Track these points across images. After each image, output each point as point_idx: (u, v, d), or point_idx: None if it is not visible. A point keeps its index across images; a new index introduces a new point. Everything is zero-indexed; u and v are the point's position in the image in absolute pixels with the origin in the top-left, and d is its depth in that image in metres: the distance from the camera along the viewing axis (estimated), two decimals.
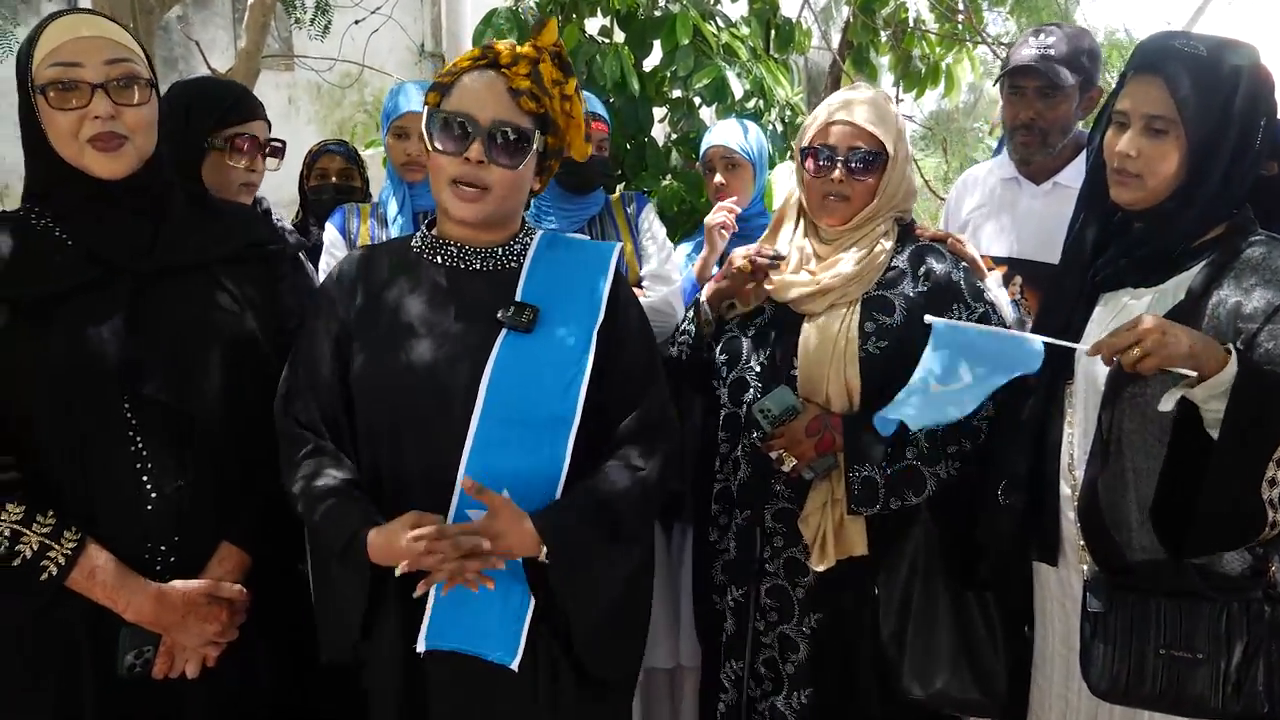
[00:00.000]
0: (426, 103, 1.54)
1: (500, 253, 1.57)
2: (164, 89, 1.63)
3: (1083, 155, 2.25)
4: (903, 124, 1.92)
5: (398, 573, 1.37)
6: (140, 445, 1.47)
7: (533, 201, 2.48)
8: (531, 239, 1.61)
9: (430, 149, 1.51)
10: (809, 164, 1.87)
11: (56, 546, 1.41)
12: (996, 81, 2.38)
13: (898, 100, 4.65)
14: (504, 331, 1.49)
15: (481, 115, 1.46)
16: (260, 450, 1.56)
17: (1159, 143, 1.51)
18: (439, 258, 1.56)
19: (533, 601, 1.45)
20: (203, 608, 1.49)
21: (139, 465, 1.47)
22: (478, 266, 1.56)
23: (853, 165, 1.84)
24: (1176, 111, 1.48)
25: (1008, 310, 1.94)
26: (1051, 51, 2.20)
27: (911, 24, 4.07)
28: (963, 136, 9.87)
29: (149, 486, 1.47)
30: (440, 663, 1.48)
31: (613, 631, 1.53)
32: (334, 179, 2.84)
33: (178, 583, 1.49)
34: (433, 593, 1.42)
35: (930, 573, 1.80)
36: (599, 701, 1.56)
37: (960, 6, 4.19)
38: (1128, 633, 1.49)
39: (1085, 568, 1.57)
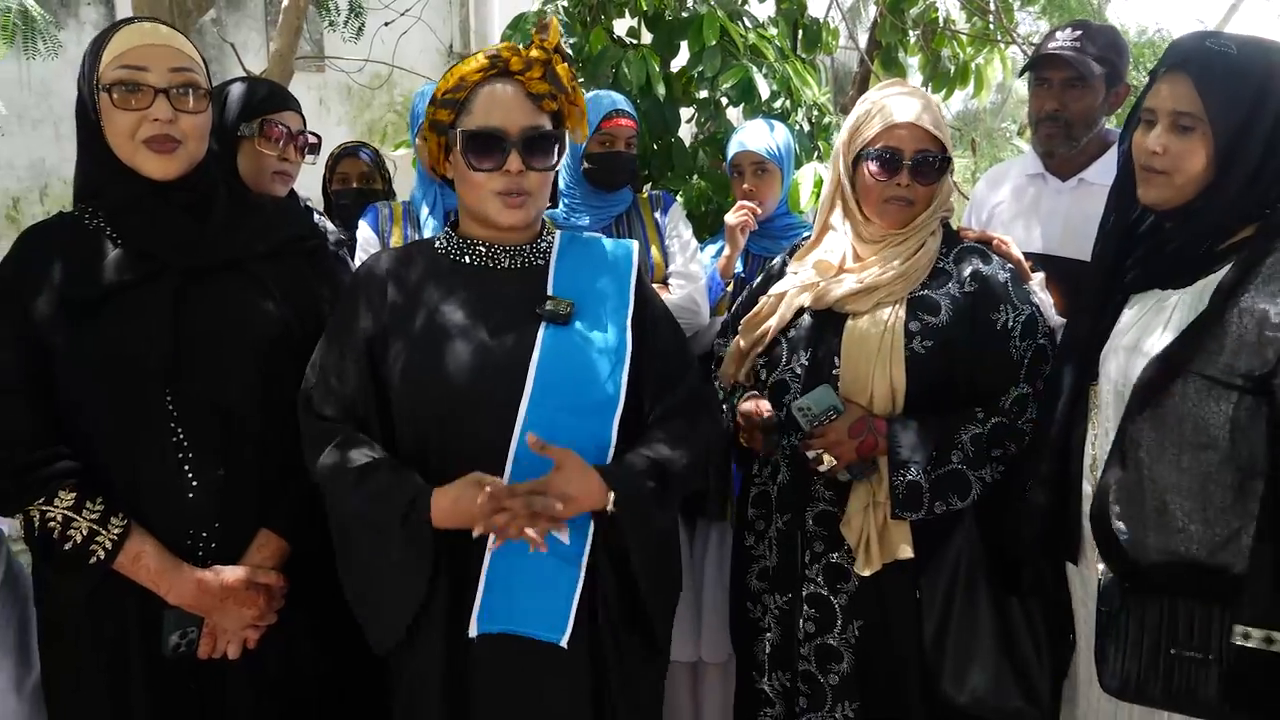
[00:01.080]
0: (439, 119, 1.54)
1: (527, 250, 1.59)
2: None
3: (1110, 153, 2.28)
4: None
5: (475, 534, 1.39)
6: (181, 436, 1.51)
7: (563, 199, 2.50)
8: (553, 237, 1.64)
9: (464, 166, 1.51)
10: (872, 167, 1.80)
11: (104, 532, 1.46)
12: (1023, 73, 2.35)
13: None
14: (543, 325, 1.51)
15: (511, 127, 1.49)
16: (298, 440, 1.57)
17: (1186, 140, 1.48)
18: (467, 258, 1.58)
19: (581, 580, 1.46)
20: (241, 593, 1.53)
21: (180, 455, 1.51)
22: (506, 265, 1.58)
23: (920, 169, 1.78)
24: (1203, 108, 1.46)
25: (1052, 314, 1.90)
26: (1078, 44, 2.21)
27: (941, 24, 4.05)
28: (991, 137, 9.79)
29: (190, 475, 1.52)
30: (486, 645, 1.48)
31: (662, 581, 1.58)
32: (355, 183, 2.85)
33: (217, 568, 1.54)
34: (483, 577, 1.45)
35: (973, 577, 1.76)
36: (645, 666, 1.60)
37: (991, 6, 4.16)
38: (1139, 632, 1.47)
39: (1101, 567, 1.57)
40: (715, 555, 2.48)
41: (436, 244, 1.62)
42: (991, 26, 4.17)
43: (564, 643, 1.46)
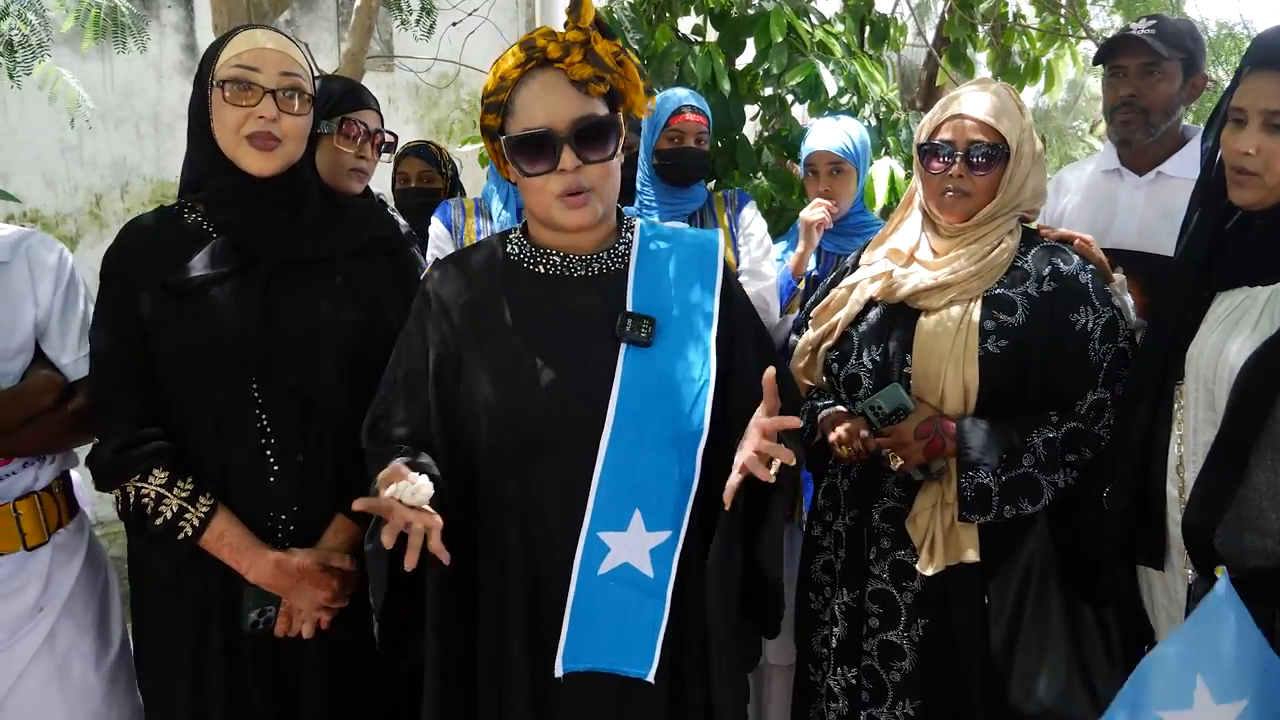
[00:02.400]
0: (487, 124, 1.46)
1: (605, 256, 1.49)
2: None
3: (1188, 146, 2.24)
4: (1029, 120, 1.82)
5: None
6: (265, 422, 1.57)
7: (638, 197, 2.48)
8: (632, 234, 1.53)
9: (519, 175, 1.42)
10: (928, 160, 1.80)
11: (192, 510, 1.53)
12: (1097, 61, 2.31)
13: None
14: (624, 347, 1.41)
15: (558, 122, 1.37)
16: None
17: (1278, 139, 1.43)
18: (541, 267, 1.48)
19: (666, 613, 1.40)
20: (316, 575, 1.58)
21: (264, 440, 1.58)
22: (582, 273, 1.48)
23: (973, 160, 1.75)
24: None
25: (1132, 315, 1.84)
26: (1153, 30, 2.17)
27: (1011, 19, 3.96)
28: (1061, 135, 9.54)
29: (272, 460, 1.58)
30: (570, 680, 1.42)
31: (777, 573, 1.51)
32: (414, 182, 2.87)
33: (295, 551, 1.59)
34: (567, 615, 1.39)
35: (1045, 584, 1.72)
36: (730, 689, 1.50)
37: (1063, 0, 4.06)
38: None
39: (1190, 572, 1.52)
40: (785, 558, 2.45)
41: (509, 249, 1.52)
42: (1063, 20, 4.07)
43: (650, 677, 1.40)
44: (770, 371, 1.34)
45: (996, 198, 1.78)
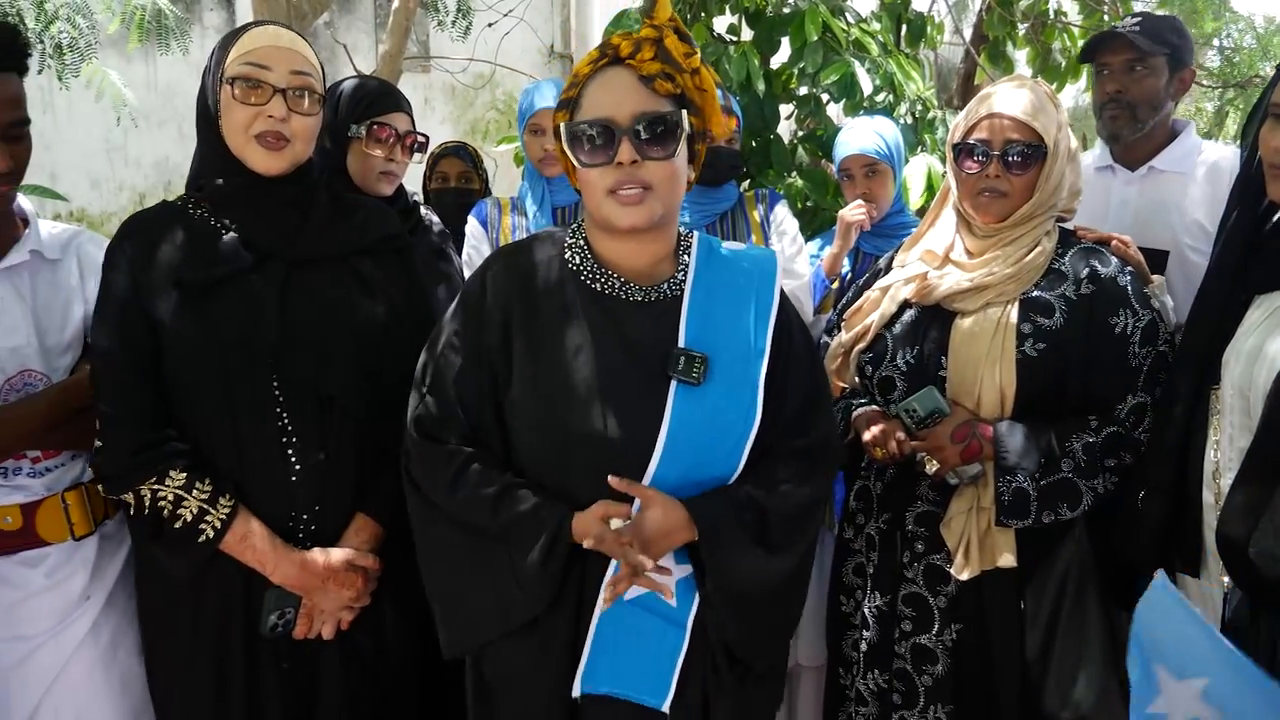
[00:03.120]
0: (558, 123, 1.43)
1: (664, 286, 1.45)
2: None
3: (1178, 140, 2.26)
4: (1064, 117, 1.79)
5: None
6: (286, 421, 1.54)
7: None
8: (689, 256, 1.48)
9: (577, 165, 1.40)
10: (963, 160, 1.77)
11: (213, 511, 1.50)
12: (1082, 61, 2.34)
13: None
14: (674, 384, 1.39)
15: (619, 114, 1.35)
16: (393, 428, 1.58)
17: None
18: (597, 284, 1.44)
19: (685, 644, 1.40)
20: (342, 574, 1.56)
21: (284, 440, 1.55)
22: (639, 298, 1.44)
23: (1009, 159, 1.73)
24: None
25: (1173, 318, 1.82)
26: (1137, 27, 2.19)
27: (1052, 15, 3.91)
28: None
29: (293, 459, 1.55)
30: (589, 703, 1.42)
31: (753, 623, 1.46)
32: (453, 182, 2.89)
33: (320, 550, 1.57)
34: (589, 638, 1.39)
35: (1082, 590, 1.70)
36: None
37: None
38: (1270, 650, 1.39)
39: (1226, 579, 1.49)
40: (817, 559, 2.45)
41: (566, 257, 1.47)
42: (1105, 18, 4.01)
43: (665, 708, 1.40)
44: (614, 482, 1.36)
45: (1033, 198, 1.76)
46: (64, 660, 1.61)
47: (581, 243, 1.48)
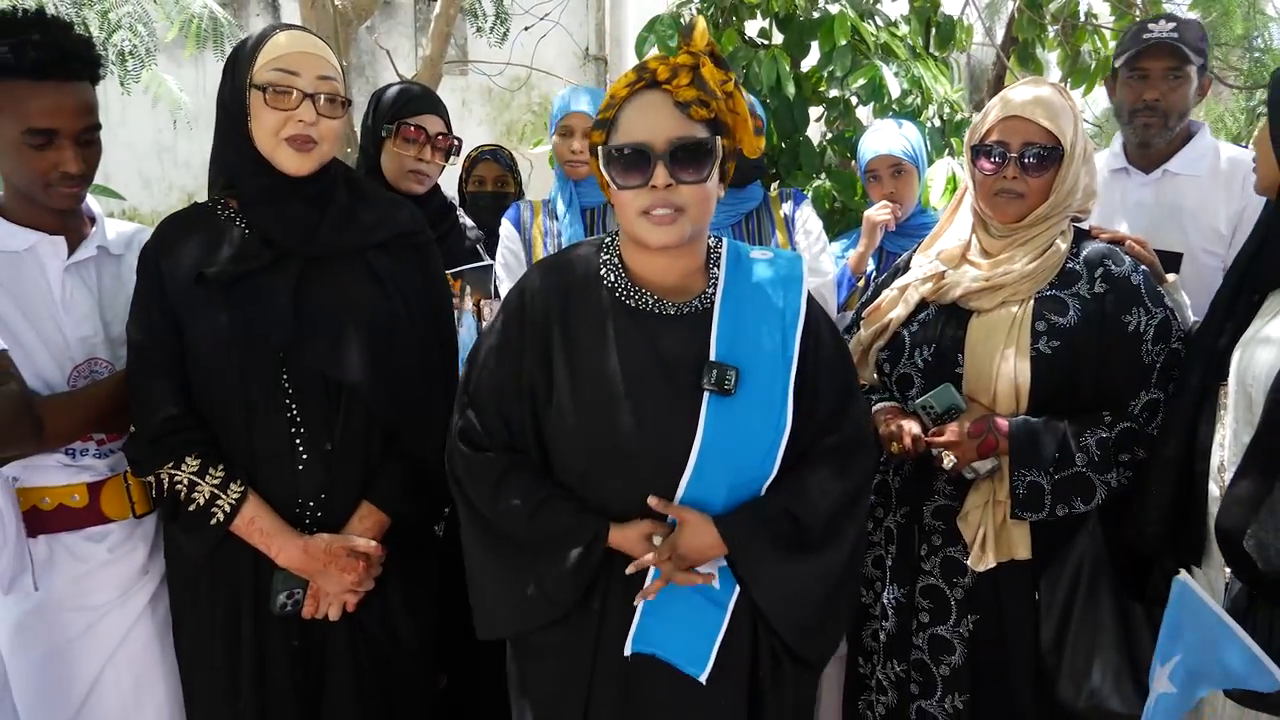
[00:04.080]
0: (594, 142, 1.47)
1: (695, 302, 1.50)
2: (353, 92, 1.80)
3: (1193, 142, 2.27)
4: (1080, 118, 1.82)
5: (630, 570, 1.44)
6: (295, 412, 1.61)
7: None
8: (719, 269, 1.53)
9: (613, 186, 1.43)
10: (981, 162, 1.80)
11: (224, 496, 1.58)
12: (1118, 63, 2.29)
13: None
14: (707, 396, 1.44)
15: (656, 139, 1.38)
16: (402, 420, 1.68)
17: None
18: (631, 301, 1.49)
19: (725, 624, 1.47)
20: (343, 559, 1.62)
21: (293, 430, 1.62)
22: (672, 313, 1.49)
23: (1026, 161, 1.75)
24: None
25: (1189, 315, 1.84)
26: (1177, 35, 2.18)
27: (1083, 18, 3.90)
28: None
29: (301, 449, 1.62)
30: (640, 662, 1.49)
31: (804, 622, 1.51)
32: (489, 186, 2.96)
33: (322, 535, 1.63)
34: (641, 604, 1.47)
35: (1096, 582, 1.72)
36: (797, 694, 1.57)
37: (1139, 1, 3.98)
38: (1266, 641, 1.41)
39: (1228, 572, 1.52)
40: None
41: (601, 272, 1.51)
42: (1138, 17, 4.00)
43: (703, 679, 1.47)
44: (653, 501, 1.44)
45: (1049, 198, 1.79)
46: (125, 630, 1.71)
47: (616, 259, 1.53)
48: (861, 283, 2.48)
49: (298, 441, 1.63)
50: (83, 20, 3.26)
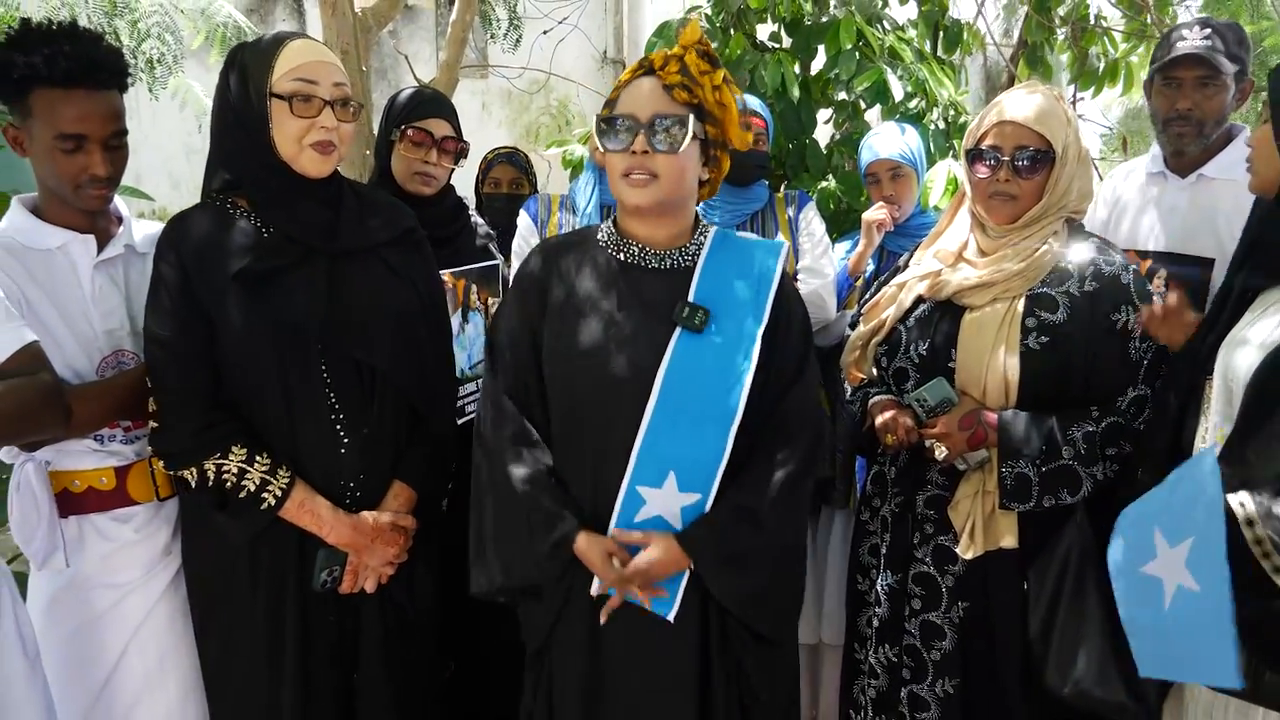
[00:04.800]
0: (600, 116, 1.64)
1: (677, 253, 1.65)
2: (375, 95, 1.88)
3: (1231, 146, 2.23)
4: (1074, 122, 1.86)
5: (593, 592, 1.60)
6: (334, 400, 1.70)
7: None
8: (706, 237, 1.68)
9: (603, 150, 1.62)
10: (976, 165, 1.85)
11: (274, 481, 1.66)
12: (1152, 74, 2.27)
13: (1074, 100, 4.47)
14: (678, 330, 1.58)
15: (641, 113, 1.57)
16: (426, 401, 1.79)
17: None
18: (622, 254, 1.65)
19: (688, 570, 1.58)
20: (387, 533, 1.74)
21: (333, 416, 1.71)
22: (655, 266, 1.64)
23: (1019, 164, 1.80)
24: None
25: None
26: (1210, 43, 2.14)
27: (1092, 20, 3.92)
28: (1144, 135, 9.21)
29: (342, 434, 1.72)
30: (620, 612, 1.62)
31: (762, 602, 1.63)
32: (505, 188, 3.03)
33: (369, 513, 1.74)
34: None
35: (1083, 573, 1.74)
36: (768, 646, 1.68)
37: (1149, 3, 3.99)
38: (1254, 628, 1.46)
39: None
40: (839, 541, 2.54)
41: (599, 237, 1.70)
42: (1150, 21, 4.00)
43: (671, 617, 1.59)
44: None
45: (1042, 200, 1.83)
46: (149, 606, 1.78)
47: (611, 225, 1.70)
48: (859, 282, 2.53)
49: (338, 427, 1.71)
50: (113, 29, 3.39)
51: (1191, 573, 1.32)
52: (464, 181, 2.63)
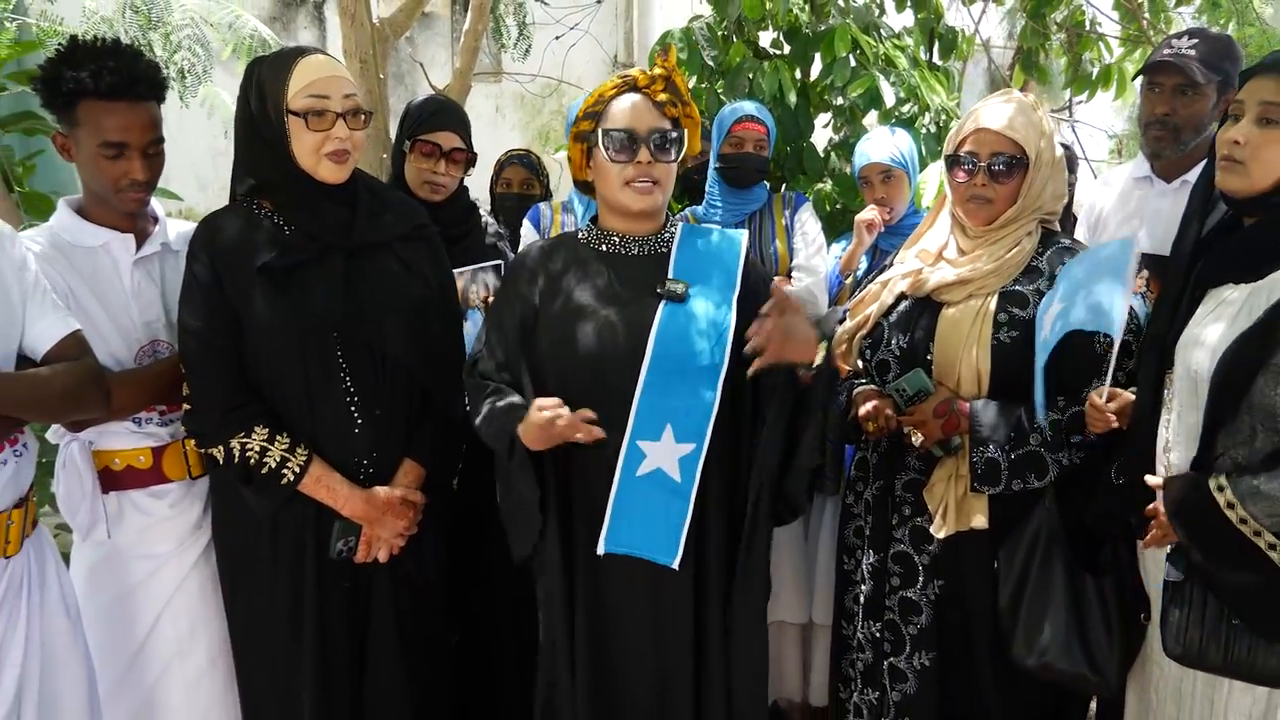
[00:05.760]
0: (583, 129, 1.79)
1: (653, 240, 1.83)
2: (391, 102, 2.00)
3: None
4: (1049, 129, 1.94)
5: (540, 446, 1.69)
6: (349, 384, 1.83)
7: (706, 196, 2.73)
8: (676, 229, 1.86)
9: (604, 159, 1.76)
10: (955, 170, 1.95)
11: (292, 459, 1.78)
12: (1135, 77, 2.37)
13: (1070, 107, 4.55)
14: (663, 302, 1.75)
15: (640, 127, 1.74)
16: (436, 385, 1.91)
17: (1269, 131, 1.53)
18: (604, 247, 1.83)
19: (689, 512, 1.70)
20: (397, 507, 1.86)
21: (348, 399, 1.83)
22: (635, 252, 1.82)
23: (994, 169, 1.90)
24: None
25: (1139, 306, 1.94)
26: (1191, 52, 2.20)
27: (1088, 27, 4.00)
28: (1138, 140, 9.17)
29: (356, 415, 1.84)
30: (609, 563, 1.74)
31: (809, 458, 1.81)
32: (516, 188, 3.14)
33: (381, 488, 1.86)
34: (610, 506, 1.71)
35: (1049, 553, 1.84)
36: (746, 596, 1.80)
37: (1145, 9, 4.07)
38: (1202, 602, 1.53)
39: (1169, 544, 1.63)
40: (829, 525, 2.64)
41: (580, 236, 1.87)
42: (1145, 26, 4.08)
43: (675, 565, 1.70)
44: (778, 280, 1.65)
45: (1017, 203, 1.93)
46: (182, 577, 1.91)
47: (590, 223, 1.87)
48: (849, 280, 2.63)
49: (353, 409, 1.84)
50: (148, 41, 3.57)
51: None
52: (482, 183, 2.76)
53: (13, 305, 1.61)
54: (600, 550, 1.72)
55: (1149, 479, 1.63)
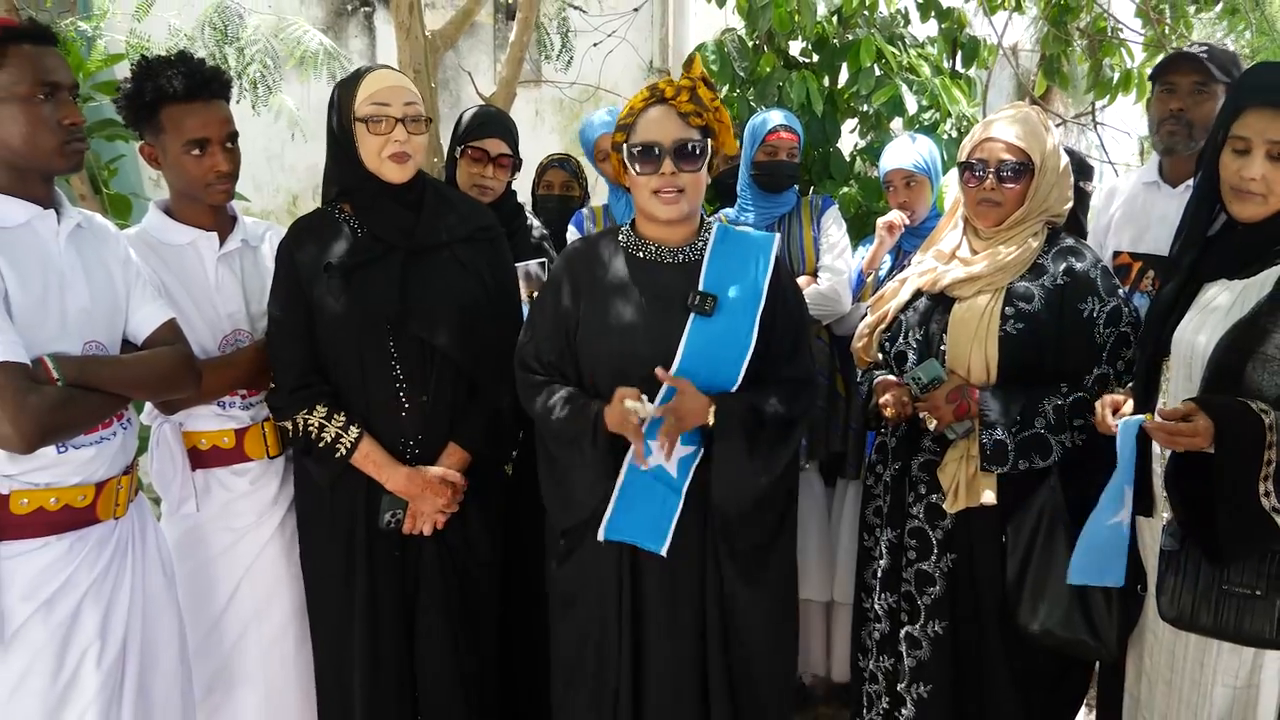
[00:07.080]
0: (618, 140, 1.88)
1: (686, 249, 1.91)
2: (441, 105, 2.13)
3: None
4: (1054, 138, 2.07)
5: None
6: (399, 371, 1.98)
7: (738, 199, 2.86)
8: (710, 234, 1.92)
9: (633, 172, 1.86)
10: (967, 176, 2.08)
11: (346, 435, 1.95)
12: (1152, 78, 2.44)
13: (1094, 111, 4.61)
14: (691, 315, 1.84)
15: (665, 139, 1.81)
16: (482, 377, 2.03)
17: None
18: (641, 253, 1.92)
19: (680, 505, 1.84)
20: (436, 485, 2.00)
21: (397, 385, 1.98)
22: (669, 261, 1.91)
23: (1002, 175, 2.02)
24: None
25: (1141, 303, 2.08)
26: (1206, 54, 2.31)
27: (1110, 32, 4.05)
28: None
29: (404, 400, 1.99)
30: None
31: (740, 509, 1.87)
32: (557, 190, 3.26)
33: (422, 467, 2.01)
34: (613, 499, 1.85)
35: (1054, 529, 1.96)
36: (749, 587, 1.91)
37: (1166, 16, 4.12)
38: (1195, 569, 1.64)
39: (1166, 515, 1.74)
40: (850, 508, 2.78)
41: (620, 237, 1.96)
42: (1168, 31, 4.12)
43: (663, 552, 1.84)
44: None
45: (1024, 206, 2.05)
46: (259, 549, 2.08)
47: (629, 228, 1.96)
48: (871, 279, 2.75)
49: (401, 395, 2.00)
50: (223, 55, 3.82)
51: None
52: (524, 185, 2.92)
53: (119, 295, 1.79)
54: (600, 537, 1.86)
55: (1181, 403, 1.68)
